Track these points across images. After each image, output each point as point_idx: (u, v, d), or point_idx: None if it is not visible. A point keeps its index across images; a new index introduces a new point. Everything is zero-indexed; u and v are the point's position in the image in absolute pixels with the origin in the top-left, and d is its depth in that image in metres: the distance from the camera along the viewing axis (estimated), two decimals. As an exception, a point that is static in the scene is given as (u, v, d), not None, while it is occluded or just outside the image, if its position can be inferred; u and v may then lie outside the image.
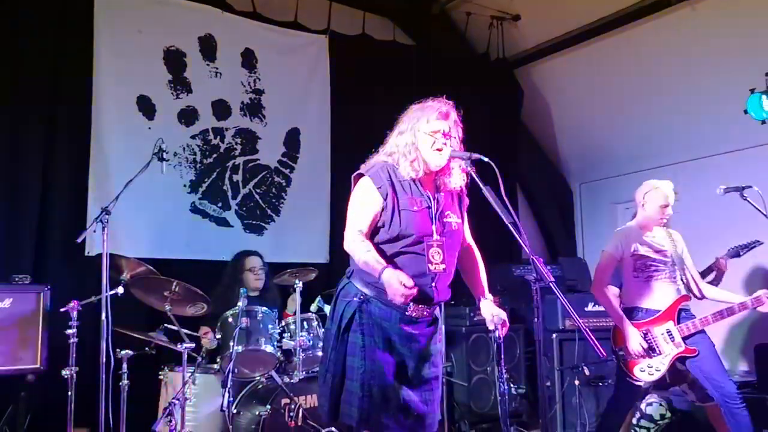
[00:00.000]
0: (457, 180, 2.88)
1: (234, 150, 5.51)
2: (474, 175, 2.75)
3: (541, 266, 2.51)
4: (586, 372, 5.39)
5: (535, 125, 7.37)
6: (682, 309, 3.99)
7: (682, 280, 4.07)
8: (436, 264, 2.75)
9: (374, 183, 2.76)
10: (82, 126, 4.86)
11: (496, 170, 2.64)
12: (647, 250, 4.05)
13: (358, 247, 2.68)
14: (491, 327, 2.90)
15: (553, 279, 2.50)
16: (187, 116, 5.30)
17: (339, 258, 5.61)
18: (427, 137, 2.80)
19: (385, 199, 2.75)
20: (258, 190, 5.59)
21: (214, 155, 5.41)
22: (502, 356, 2.99)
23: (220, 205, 5.40)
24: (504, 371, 3.11)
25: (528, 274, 6.19)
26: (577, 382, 5.42)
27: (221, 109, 5.47)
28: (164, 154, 4.11)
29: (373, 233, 2.78)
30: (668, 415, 5.15)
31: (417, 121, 2.83)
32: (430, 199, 2.82)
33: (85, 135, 4.85)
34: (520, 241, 2.58)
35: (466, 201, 3.00)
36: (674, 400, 5.31)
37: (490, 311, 2.91)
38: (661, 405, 5.13)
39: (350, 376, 2.69)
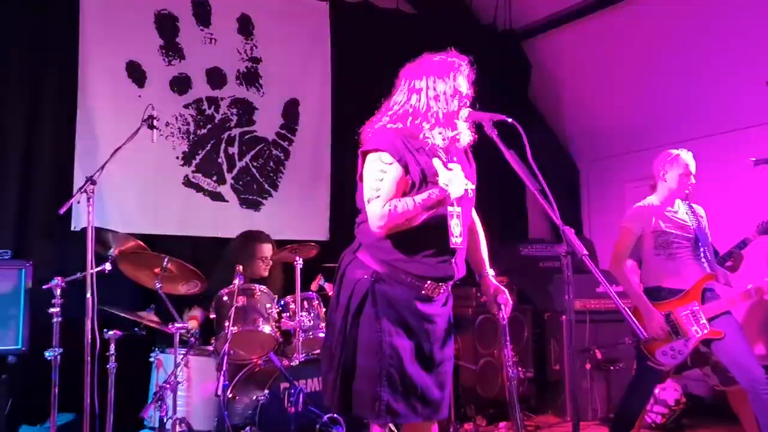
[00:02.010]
0: (466, 136, 2.61)
1: (230, 121, 5.23)
2: (496, 139, 2.47)
3: (573, 238, 2.25)
4: (598, 355, 5.18)
5: (541, 100, 7.08)
6: (706, 288, 3.74)
7: (706, 257, 3.82)
8: (456, 237, 2.50)
9: (392, 156, 2.44)
10: (68, 93, 4.58)
11: (522, 132, 2.38)
12: (669, 225, 3.79)
13: (396, 205, 2.38)
14: (494, 308, 2.67)
15: (586, 252, 2.24)
16: (180, 84, 5.01)
17: (340, 236, 5.37)
18: (451, 100, 2.52)
19: (407, 173, 2.45)
20: (255, 164, 5.31)
21: (209, 126, 5.13)
22: (508, 338, 2.75)
23: (214, 178, 5.12)
24: (510, 354, 2.87)
25: (536, 252, 5.98)
26: (588, 366, 5.20)
27: (216, 77, 5.18)
28: (155, 121, 3.82)
29: None
30: (683, 400, 4.94)
31: (438, 78, 2.53)
32: (447, 165, 2.55)
33: (71, 102, 4.58)
34: (549, 212, 2.32)
35: (474, 165, 2.74)
36: (689, 385, 5.12)
37: (494, 289, 2.69)
38: (675, 390, 4.92)
39: (364, 363, 2.42)
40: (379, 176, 2.44)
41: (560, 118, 7.14)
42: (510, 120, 2.44)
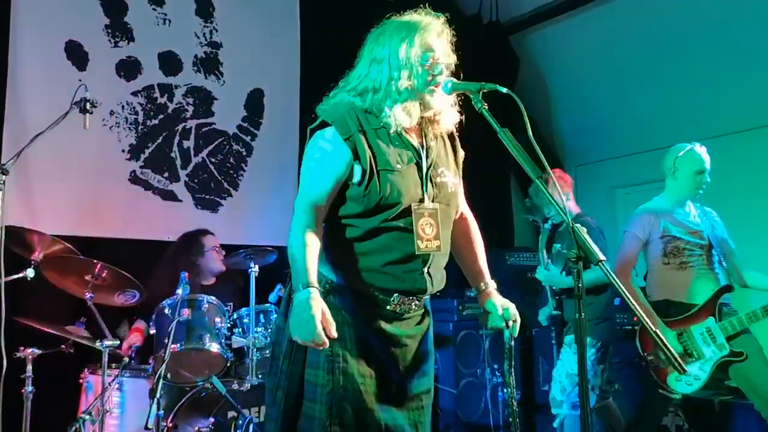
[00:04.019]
0: (449, 118, 2.14)
1: (185, 111, 4.71)
2: (487, 115, 1.98)
3: (586, 237, 1.75)
4: (591, 375, 4.71)
5: (528, 99, 6.64)
6: (722, 303, 3.27)
7: (722, 266, 3.35)
8: (427, 240, 2.00)
9: (340, 133, 1.98)
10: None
11: (521, 106, 1.90)
12: (680, 230, 3.32)
13: (298, 234, 1.91)
14: (503, 324, 2.22)
15: (603, 257, 1.75)
16: (128, 69, 4.47)
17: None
18: (421, 68, 2.03)
19: (356, 158, 1.97)
20: (213, 160, 4.79)
21: (161, 116, 4.60)
22: (513, 362, 2.35)
23: (166, 175, 4.59)
24: (512, 378, 2.45)
25: (524, 261, 5.48)
26: (580, 387, 4.71)
27: (170, 62, 4.66)
28: (88, 104, 3.27)
29: (338, 205, 2.01)
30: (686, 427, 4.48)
31: (404, 44, 2.06)
32: (417, 151, 2.06)
33: (-1, 86, 4.05)
34: (555, 204, 1.84)
35: (462, 153, 2.27)
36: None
37: (501, 304, 2.22)
38: (677, 415, 4.44)
39: (310, 395, 1.94)
40: (313, 167, 2.01)
41: (548, 119, 6.76)
42: (505, 90, 1.95)
